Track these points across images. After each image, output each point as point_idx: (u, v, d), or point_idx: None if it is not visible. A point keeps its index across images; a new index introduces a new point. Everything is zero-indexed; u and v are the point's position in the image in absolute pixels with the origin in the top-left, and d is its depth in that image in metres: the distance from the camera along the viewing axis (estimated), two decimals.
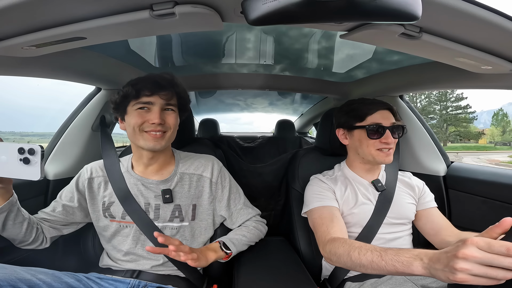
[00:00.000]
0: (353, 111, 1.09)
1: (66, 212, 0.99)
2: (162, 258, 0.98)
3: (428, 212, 1.09)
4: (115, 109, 0.97)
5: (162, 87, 0.92)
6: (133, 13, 0.59)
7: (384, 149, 1.02)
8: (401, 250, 0.67)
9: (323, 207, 1.03)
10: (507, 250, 0.47)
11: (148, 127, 0.91)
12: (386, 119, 1.03)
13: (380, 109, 1.04)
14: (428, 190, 1.15)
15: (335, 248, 0.83)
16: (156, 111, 0.90)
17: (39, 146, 0.69)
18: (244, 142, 2.62)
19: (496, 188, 1.18)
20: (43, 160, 0.70)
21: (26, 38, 0.67)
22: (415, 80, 1.32)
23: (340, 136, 1.15)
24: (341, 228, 0.95)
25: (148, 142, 0.91)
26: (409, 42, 0.70)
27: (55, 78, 1.08)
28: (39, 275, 0.74)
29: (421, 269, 0.60)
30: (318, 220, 0.99)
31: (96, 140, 1.35)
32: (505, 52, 0.75)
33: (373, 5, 0.44)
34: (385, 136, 1.01)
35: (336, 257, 0.82)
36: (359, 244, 0.78)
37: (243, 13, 0.49)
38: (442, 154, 1.46)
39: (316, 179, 1.15)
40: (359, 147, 1.07)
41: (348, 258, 0.77)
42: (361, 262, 0.73)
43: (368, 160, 1.07)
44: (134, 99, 0.91)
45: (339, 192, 1.08)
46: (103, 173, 1.02)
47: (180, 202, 1.00)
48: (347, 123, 1.10)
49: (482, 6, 0.56)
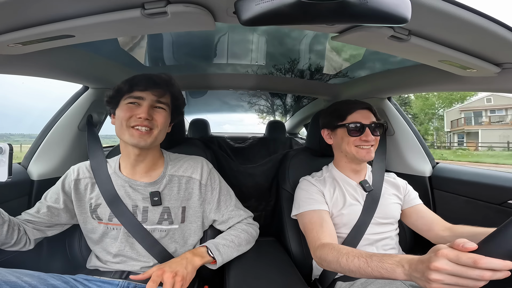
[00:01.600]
0: (335, 111, 1.14)
1: (51, 214, 0.96)
2: (152, 261, 0.96)
3: (416, 208, 1.12)
4: (109, 103, 0.96)
5: (155, 84, 0.92)
6: (124, 12, 0.58)
7: (364, 146, 1.06)
8: (385, 256, 0.69)
9: (313, 211, 1.04)
10: (473, 262, 0.51)
11: (135, 121, 0.89)
12: (366, 118, 1.07)
13: (359, 108, 1.09)
14: (411, 188, 1.19)
15: (325, 254, 0.85)
16: (145, 106, 0.90)
17: (7, 145, 0.67)
18: (234, 142, 2.61)
19: (480, 188, 1.22)
20: (11, 160, 0.67)
21: (13, 35, 0.65)
22: (403, 82, 1.35)
23: (325, 136, 1.19)
24: (330, 232, 0.97)
25: (133, 138, 0.89)
26: (398, 45, 0.72)
27: (41, 76, 1.05)
28: (24, 277, 0.72)
29: (403, 276, 0.63)
30: (309, 225, 1.01)
31: (82, 140, 1.32)
32: (489, 55, 0.78)
33: (364, 8, 0.45)
34: (365, 134, 1.05)
35: (326, 263, 0.85)
36: (347, 250, 0.80)
37: (236, 13, 0.49)
38: (427, 155, 1.49)
39: (305, 181, 1.16)
40: (341, 145, 1.11)
41: (337, 265, 0.79)
42: (350, 268, 0.75)
43: (351, 158, 1.10)
44: (126, 93, 0.91)
45: (328, 194, 1.10)
46: (90, 174, 1.00)
47: (169, 204, 0.99)
48: (330, 123, 1.15)
49: (470, 9, 0.58)
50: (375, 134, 1.07)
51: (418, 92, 1.47)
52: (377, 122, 1.08)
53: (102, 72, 1.29)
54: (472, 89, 1.11)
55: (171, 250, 0.99)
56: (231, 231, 1.05)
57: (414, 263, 0.61)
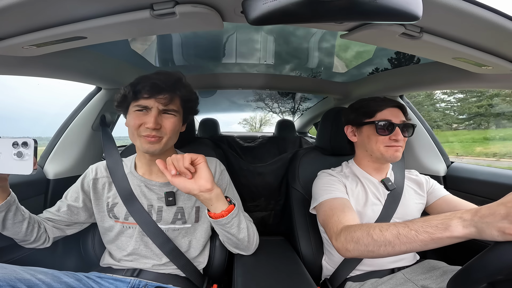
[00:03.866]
0: (362, 108, 1.07)
1: (71, 212, 0.99)
2: (164, 258, 0.98)
3: (445, 199, 1.05)
4: (118, 107, 0.95)
5: (160, 90, 0.87)
6: (133, 13, 0.59)
7: (393, 146, 1.01)
8: (428, 217, 0.62)
9: (333, 199, 0.97)
10: None
11: (144, 131, 0.88)
12: (396, 116, 1.02)
13: (390, 106, 1.03)
14: (434, 181, 1.14)
15: (351, 233, 0.75)
16: (152, 115, 0.86)
17: (32, 140, 0.68)
18: (244, 141, 2.62)
19: (495, 188, 1.18)
20: (36, 154, 0.69)
21: (27, 37, 0.67)
22: (415, 80, 1.32)
23: (349, 133, 1.13)
24: (354, 217, 0.88)
25: (143, 145, 0.90)
26: (410, 42, 0.70)
27: (55, 77, 1.08)
28: (39, 275, 0.73)
29: (462, 229, 0.55)
30: (329, 212, 0.92)
31: (96, 140, 1.36)
32: (505, 52, 0.75)
33: (374, 5, 0.44)
34: (395, 133, 0.99)
35: (353, 243, 0.74)
36: (378, 224, 0.72)
37: (244, 13, 0.49)
38: (442, 154, 1.46)
39: (324, 173, 1.12)
40: (367, 143, 1.05)
41: (369, 239, 0.69)
42: (386, 239, 0.66)
43: (376, 157, 1.05)
44: (133, 101, 0.90)
45: (350, 187, 1.05)
46: (107, 174, 1.02)
47: (183, 204, 1.00)
48: (356, 120, 1.09)
49: (483, 6, 0.56)
50: (405, 134, 1.02)
51: (431, 90, 1.44)
52: (408, 123, 1.03)
53: (114, 73, 1.31)
54: (488, 86, 1.08)
55: (183, 249, 1.00)
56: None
57: (486, 208, 0.54)
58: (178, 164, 0.78)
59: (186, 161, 0.78)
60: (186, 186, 0.79)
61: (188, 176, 0.79)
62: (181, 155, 0.79)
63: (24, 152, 0.68)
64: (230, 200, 0.89)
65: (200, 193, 0.80)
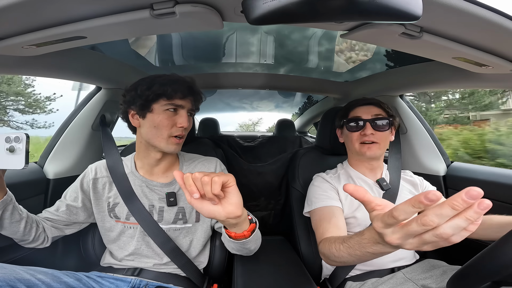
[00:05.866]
0: (342, 110, 1.14)
1: (70, 212, 0.99)
2: (165, 258, 0.98)
3: None
4: (132, 103, 0.92)
5: (192, 92, 0.95)
6: (133, 13, 0.59)
7: (366, 142, 1.03)
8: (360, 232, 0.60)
9: (324, 207, 1.00)
10: None
11: (176, 131, 0.91)
12: (366, 112, 1.05)
13: (361, 104, 1.07)
14: (428, 183, 1.16)
15: (326, 246, 0.80)
16: (185, 115, 0.92)
17: (24, 134, 0.68)
18: (244, 141, 2.61)
19: (497, 188, 1.18)
20: (28, 148, 0.68)
21: (27, 37, 0.67)
22: (415, 79, 1.32)
23: (339, 136, 1.20)
24: (338, 227, 0.91)
25: (170, 146, 0.92)
26: (410, 42, 0.70)
27: (55, 77, 1.08)
28: (38, 275, 0.73)
29: None
30: (317, 222, 0.98)
31: (96, 139, 1.36)
32: (505, 52, 0.75)
33: (374, 5, 0.44)
34: (365, 128, 1.03)
35: (325, 258, 0.81)
36: (334, 238, 0.76)
37: (244, 12, 0.49)
38: (442, 153, 1.46)
39: (319, 178, 1.13)
40: (348, 143, 1.11)
41: (333, 257, 0.73)
42: (342, 259, 0.68)
43: (358, 156, 1.09)
44: (166, 99, 0.90)
45: (343, 193, 1.05)
46: (107, 173, 1.02)
47: (184, 205, 1.00)
48: (339, 122, 1.17)
49: (483, 6, 0.56)
50: (378, 129, 1.02)
51: (431, 89, 1.44)
52: (381, 117, 1.03)
53: (115, 73, 1.31)
54: (488, 86, 1.07)
55: (184, 248, 1.00)
56: None
57: None
58: (205, 188, 0.58)
59: (217, 187, 0.58)
60: (210, 211, 0.62)
61: (215, 203, 0.63)
62: (209, 177, 0.58)
63: (16, 146, 0.68)
64: (252, 218, 0.82)
65: (227, 219, 0.65)
